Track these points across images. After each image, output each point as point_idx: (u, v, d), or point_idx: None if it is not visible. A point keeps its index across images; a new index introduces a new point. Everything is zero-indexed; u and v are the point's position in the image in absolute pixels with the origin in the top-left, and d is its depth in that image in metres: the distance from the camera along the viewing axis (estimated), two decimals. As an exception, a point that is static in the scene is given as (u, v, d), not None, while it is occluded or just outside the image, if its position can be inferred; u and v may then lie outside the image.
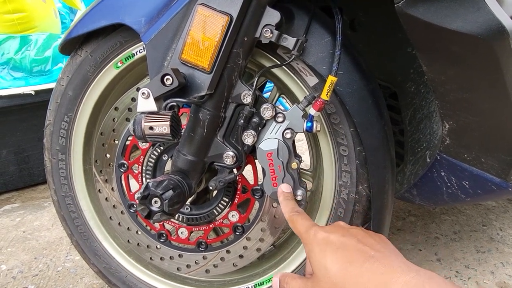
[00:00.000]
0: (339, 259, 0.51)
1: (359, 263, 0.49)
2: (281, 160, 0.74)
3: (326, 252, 0.53)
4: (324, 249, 0.53)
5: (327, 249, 0.53)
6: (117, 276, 1.00)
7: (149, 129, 0.66)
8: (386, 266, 0.48)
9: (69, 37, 0.87)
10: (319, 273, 0.52)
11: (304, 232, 0.59)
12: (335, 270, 0.50)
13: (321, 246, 0.54)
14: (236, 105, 0.74)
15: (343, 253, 0.52)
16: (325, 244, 0.54)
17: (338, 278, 0.50)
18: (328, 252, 0.53)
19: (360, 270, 0.49)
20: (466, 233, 1.41)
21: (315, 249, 0.54)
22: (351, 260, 0.50)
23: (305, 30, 0.73)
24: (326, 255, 0.52)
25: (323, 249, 0.53)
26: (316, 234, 0.56)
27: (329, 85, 0.69)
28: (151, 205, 0.69)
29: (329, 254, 0.52)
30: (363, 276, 0.48)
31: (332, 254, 0.52)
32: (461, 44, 0.56)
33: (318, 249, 0.54)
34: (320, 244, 0.54)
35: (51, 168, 0.97)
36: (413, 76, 0.93)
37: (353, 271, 0.49)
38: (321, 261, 0.52)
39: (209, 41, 0.67)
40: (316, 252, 0.54)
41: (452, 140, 0.77)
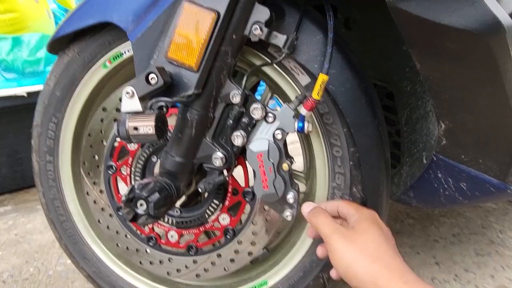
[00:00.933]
0: (380, 232, 0.63)
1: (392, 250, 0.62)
2: (271, 161, 0.71)
3: (372, 224, 0.64)
4: (372, 222, 0.65)
5: (374, 222, 0.65)
6: (106, 280, 0.98)
7: (133, 129, 0.63)
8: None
9: (57, 36, 0.85)
10: (358, 229, 0.64)
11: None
12: (374, 233, 0.63)
13: (370, 219, 0.66)
14: (225, 105, 0.72)
15: (384, 234, 0.64)
16: (374, 219, 0.66)
17: (371, 238, 0.62)
18: (373, 224, 0.64)
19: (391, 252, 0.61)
20: (466, 236, 1.38)
21: (366, 219, 0.66)
22: (387, 241, 0.63)
23: (296, 28, 0.71)
24: (372, 225, 0.64)
25: (372, 222, 0.65)
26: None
27: (320, 84, 0.67)
28: (137, 208, 0.67)
29: (374, 225, 0.64)
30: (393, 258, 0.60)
31: (376, 226, 0.64)
32: (455, 40, 0.53)
33: (369, 220, 0.65)
34: (370, 217, 0.66)
35: (39, 170, 0.95)
36: (409, 75, 0.91)
37: (386, 242, 0.62)
38: (367, 225, 0.64)
39: (196, 38, 0.65)
40: (367, 221, 0.65)
41: (449, 140, 0.75)
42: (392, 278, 0.56)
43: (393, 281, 0.56)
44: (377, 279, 0.56)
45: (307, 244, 0.85)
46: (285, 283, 0.86)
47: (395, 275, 0.56)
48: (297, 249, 0.86)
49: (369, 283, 0.57)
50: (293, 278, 0.86)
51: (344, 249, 0.61)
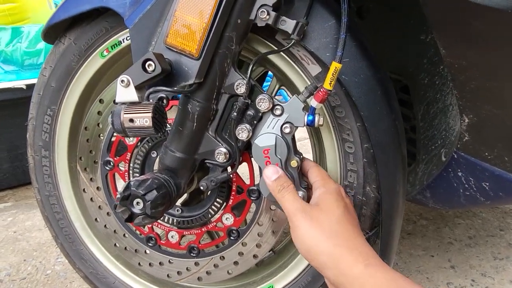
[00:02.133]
0: (345, 210, 0.61)
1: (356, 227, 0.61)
2: (279, 157, 0.66)
3: (337, 202, 0.62)
4: (337, 199, 0.62)
5: (339, 199, 0.63)
6: (104, 282, 0.94)
7: (129, 121, 0.58)
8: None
9: (51, 23, 0.80)
10: (323, 206, 0.61)
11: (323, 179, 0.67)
12: (339, 211, 0.60)
13: (336, 195, 0.63)
14: (229, 96, 0.67)
15: (349, 213, 0.62)
16: (340, 196, 0.64)
17: (336, 218, 0.59)
18: (338, 201, 0.62)
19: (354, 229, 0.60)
20: (482, 238, 1.31)
21: (332, 195, 0.63)
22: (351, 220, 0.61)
23: (306, 12, 0.65)
24: (337, 203, 0.61)
25: (337, 198, 0.62)
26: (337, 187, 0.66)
27: (333, 73, 0.61)
28: (133, 207, 0.62)
29: (339, 203, 0.62)
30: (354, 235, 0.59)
31: (341, 203, 0.62)
32: (487, 21, 0.47)
33: (334, 196, 0.63)
34: (335, 193, 0.63)
35: (34, 165, 0.91)
36: (427, 67, 0.85)
37: (350, 222, 0.61)
38: (332, 202, 0.61)
39: (197, 23, 0.60)
40: (332, 196, 0.62)
41: (472, 136, 0.69)
42: (354, 261, 0.55)
43: (355, 265, 0.54)
44: (339, 262, 0.55)
45: (316, 247, 0.79)
46: (293, 288, 0.81)
47: (358, 258, 0.55)
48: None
49: (331, 266, 0.56)
50: (301, 283, 0.81)
51: (307, 230, 0.59)
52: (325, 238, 0.57)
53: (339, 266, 0.55)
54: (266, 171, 0.65)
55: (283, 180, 0.64)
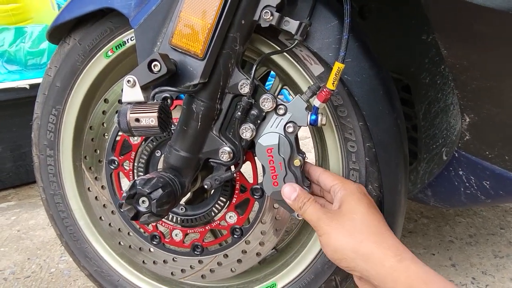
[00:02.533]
0: (369, 208, 0.62)
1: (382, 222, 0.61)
2: (282, 156, 0.67)
3: (359, 201, 0.63)
4: (359, 198, 0.64)
5: (361, 198, 0.64)
6: (108, 280, 0.94)
7: (135, 121, 0.59)
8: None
9: (56, 23, 0.81)
10: (344, 209, 0.62)
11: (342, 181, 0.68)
12: (362, 210, 0.61)
13: (357, 194, 0.64)
14: (233, 96, 0.67)
15: (373, 209, 0.63)
16: (362, 194, 0.65)
17: (359, 216, 0.60)
18: (360, 200, 0.63)
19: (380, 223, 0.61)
20: (483, 236, 1.32)
21: (353, 195, 0.64)
22: (376, 216, 0.62)
23: (309, 13, 0.66)
24: (359, 202, 0.63)
25: (360, 197, 0.64)
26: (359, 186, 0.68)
27: (336, 73, 0.62)
28: (138, 205, 0.63)
29: (361, 201, 0.63)
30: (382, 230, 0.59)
31: (364, 202, 0.63)
32: (488, 22, 0.48)
33: (356, 196, 0.64)
34: (357, 192, 0.65)
35: (39, 164, 0.92)
36: (429, 66, 0.86)
37: (375, 218, 0.61)
38: (354, 202, 0.62)
39: (202, 23, 0.61)
40: (354, 197, 0.63)
41: (473, 135, 0.70)
42: (385, 255, 0.55)
43: (386, 260, 0.55)
44: (368, 258, 0.56)
45: (318, 245, 0.80)
46: (295, 286, 0.82)
47: (387, 252, 0.55)
48: (308, 249, 0.81)
49: (360, 263, 0.56)
50: (303, 281, 0.81)
51: (331, 234, 0.60)
52: (350, 237, 0.58)
53: (368, 262, 0.55)
54: (284, 191, 0.67)
55: (302, 197, 0.66)
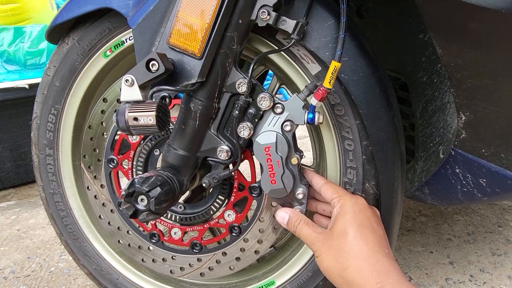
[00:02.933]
0: (360, 227, 0.62)
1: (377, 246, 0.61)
2: (280, 155, 0.67)
3: (352, 220, 0.63)
4: (353, 217, 0.64)
5: (355, 216, 0.64)
6: (108, 278, 0.95)
7: (133, 120, 0.60)
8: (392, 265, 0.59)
9: (55, 23, 0.81)
10: (335, 229, 0.63)
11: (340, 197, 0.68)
12: (352, 231, 0.62)
13: (352, 213, 0.64)
14: (231, 95, 0.68)
15: (365, 229, 0.63)
16: (357, 211, 0.65)
17: (349, 239, 0.61)
18: (353, 219, 0.63)
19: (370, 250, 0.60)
20: (481, 234, 1.33)
21: (348, 214, 0.64)
22: (367, 236, 0.62)
23: (306, 12, 0.66)
24: (352, 222, 0.63)
25: (353, 216, 0.64)
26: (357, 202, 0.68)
27: (332, 71, 0.63)
28: (137, 203, 0.63)
29: (354, 220, 0.63)
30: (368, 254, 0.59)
31: (356, 221, 0.63)
32: (482, 21, 0.49)
33: (350, 215, 0.64)
34: (351, 210, 0.65)
35: (38, 163, 0.92)
36: (426, 65, 0.86)
37: (365, 239, 0.61)
38: (345, 223, 0.63)
39: (200, 23, 0.61)
40: (347, 216, 0.64)
41: (469, 133, 0.70)
42: (367, 282, 0.57)
43: (368, 286, 0.56)
44: (352, 284, 0.58)
45: (316, 243, 0.81)
46: (294, 283, 0.83)
47: (370, 279, 0.57)
48: (306, 247, 0.82)
49: (346, 287, 0.59)
50: (301, 278, 0.82)
51: (323, 257, 0.62)
52: (336, 263, 0.60)
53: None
54: (277, 217, 0.70)
55: (294, 219, 0.68)
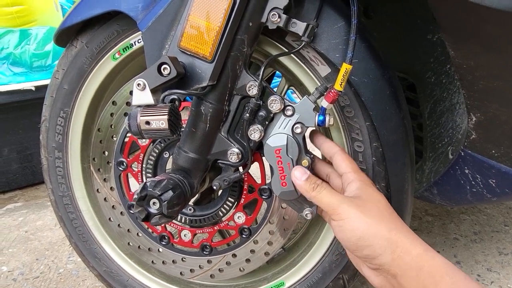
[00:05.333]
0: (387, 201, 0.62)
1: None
2: (290, 157, 0.67)
3: (377, 192, 0.63)
4: (376, 189, 0.63)
5: (377, 190, 0.64)
6: (118, 280, 0.95)
7: (145, 124, 0.60)
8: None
9: (64, 26, 0.82)
10: (366, 197, 0.60)
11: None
12: (384, 200, 0.61)
13: (374, 186, 0.64)
14: (241, 98, 0.68)
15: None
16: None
17: (384, 206, 0.60)
18: (378, 192, 0.63)
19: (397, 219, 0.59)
20: (487, 233, 1.33)
21: (371, 186, 0.63)
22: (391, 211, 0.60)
23: (316, 14, 0.66)
24: (378, 193, 0.62)
25: (376, 189, 0.63)
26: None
27: (344, 74, 0.63)
28: (149, 207, 0.63)
29: (380, 193, 0.63)
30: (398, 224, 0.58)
31: (381, 194, 0.63)
32: (495, 23, 0.48)
33: (373, 187, 0.63)
34: (372, 184, 0.65)
35: (47, 166, 0.93)
36: (434, 66, 0.86)
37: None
38: (374, 192, 0.62)
39: (211, 26, 0.61)
40: (372, 187, 0.63)
41: (479, 134, 0.70)
42: (413, 244, 0.54)
43: (413, 248, 0.54)
44: (397, 245, 0.54)
45: (326, 244, 0.81)
46: (303, 285, 0.83)
47: (415, 242, 0.54)
48: (316, 248, 0.82)
49: (387, 250, 0.54)
50: (311, 279, 0.82)
51: (357, 218, 0.56)
52: (378, 223, 0.56)
53: (396, 250, 0.53)
54: (295, 172, 0.64)
55: (314, 179, 0.63)
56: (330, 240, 0.80)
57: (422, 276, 0.52)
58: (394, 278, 0.54)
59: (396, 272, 0.53)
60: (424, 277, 0.51)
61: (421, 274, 0.52)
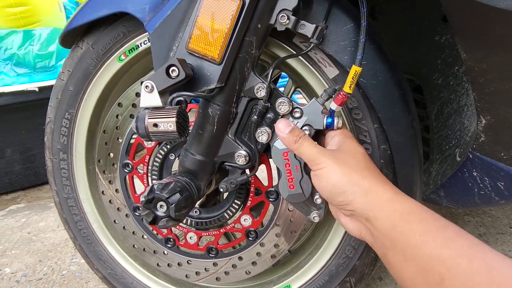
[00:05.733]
0: (366, 153, 0.63)
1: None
2: (298, 159, 0.67)
3: (357, 144, 0.63)
4: (357, 143, 0.64)
5: (358, 143, 0.64)
6: (122, 282, 0.95)
7: (153, 126, 0.59)
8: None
9: (69, 27, 0.81)
10: (345, 148, 0.62)
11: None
12: (362, 152, 0.62)
13: (355, 140, 0.65)
14: (249, 100, 0.67)
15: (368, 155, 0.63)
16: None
17: (361, 157, 0.61)
18: (358, 145, 0.63)
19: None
20: (492, 235, 1.32)
21: (352, 139, 0.64)
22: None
23: (325, 16, 0.66)
24: (358, 145, 0.63)
25: (357, 142, 0.64)
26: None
27: (353, 76, 0.62)
28: (156, 210, 0.63)
29: (359, 146, 0.63)
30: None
31: (361, 147, 0.63)
32: (509, 25, 0.48)
33: (354, 140, 0.64)
34: (353, 138, 0.65)
35: (52, 168, 0.92)
36: (441, 67, 0.85)
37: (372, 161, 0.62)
38: (354, 144, 0.62)
39: (219, 28, 0.61)
40: (352, 140, 0.64)
41: (488, 137, 0.70)
42: (384, 189, 0.56)
43: (385, 192, 0.56)
44: (369, 191, 0.56)
45: (333, 246, 0.80)
46: (310, 288, 0.82)
47: (387, 187, 0.56)
48: (323, 251, 0.82)
49: (359, 195, 0.56)
50: (318, 282, 0.82)
51: (333, 167, 0.59)
52: (352, 171, 0.58)
53: (368, 195, 0.55)
54: (278, 125, 0.64)
55: (298, 131, 0.64)
56: (337, 242, 0.80)
57: (393, 216, 0.53)
58: (368, 221, 0.56)
59: (369, 216, 0.55)
60: (395, 216, 0.53)
61: (392, 214, 0.54)
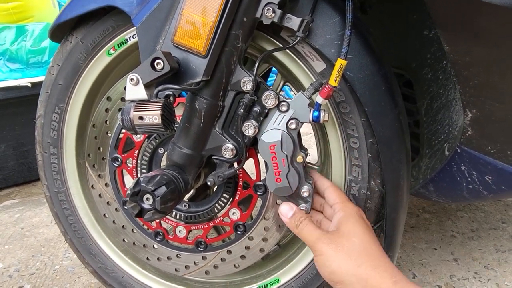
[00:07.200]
0: (366, 231, 0.64)
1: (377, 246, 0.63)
2: (285, 153, 0.67)
3: (357, 224, 0.64)
4: (357, 221, 0.65)
5: (359, 221, 0.65)
6: (113, 276, 0.95)
7: (138, 119, 0.59)
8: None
9: (58, 22, 0.81)
10: (343, 230, 0.63)
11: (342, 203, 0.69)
12: (360, 233, 0.62)
13: (356, 217, 0.66)
14: (236, 93, 0.67)
15: (370, 233, 0.64)
16: (360, 217, 0.67)
17: (358, 240, 0.61)
18: (359, 223, 0.64)
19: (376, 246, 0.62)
20: (485, 231, 1.33)
21: (352, 218, 0.65)
22: (373, 240, 0.63)
23: (311, 9, 0.66)
24: (357, 225, 0.64)
25: (358, 220, 0.65)
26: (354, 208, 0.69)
27: (338, 69, 0.62)
28: (143, 202, 0.63)
29: (360, 225, 0.64)
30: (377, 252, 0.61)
31: (362, 225, 0.64)
32: (492, 18, 0.48)
33: (354, 219, 0.65)
34: (356, 215, 0.66)
35: (42, 162, 0.92)
36: (430, 62, 0.86)
37: (372, 242, 0.62)
38: (352, 225, 0.64)
39: (205, 21, 0.61)
40: (352, 219, 0.65)
41: (475, 130, 0.70)
42: (381, 278, 0.57)
43: (383, 282, 0.56)
44: (366, 281, 0.57)
45: (321, 240, 0.80)
46: (299, 281, 0.83)
47: (384, 275, 0.57)
48: (311, 245, 0.82)
49: (358, 285, 0.57)
50: (306, 276, 0.82)
51: (330, 254, 0.61)
52: (349, 259, 0.59)
53: (366, 285, 0.56)
54: (281, 209, 0.69)
55: (299, 216, 0.67)
56: (325, 236, 0.80)
57: None
58: None
59: None
60: None
61: None
